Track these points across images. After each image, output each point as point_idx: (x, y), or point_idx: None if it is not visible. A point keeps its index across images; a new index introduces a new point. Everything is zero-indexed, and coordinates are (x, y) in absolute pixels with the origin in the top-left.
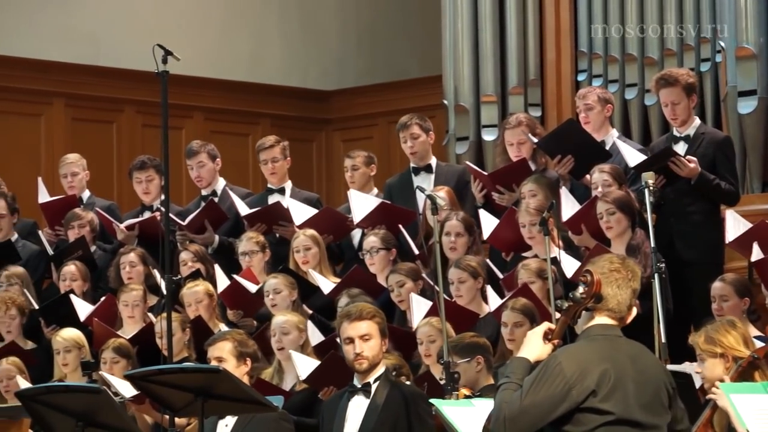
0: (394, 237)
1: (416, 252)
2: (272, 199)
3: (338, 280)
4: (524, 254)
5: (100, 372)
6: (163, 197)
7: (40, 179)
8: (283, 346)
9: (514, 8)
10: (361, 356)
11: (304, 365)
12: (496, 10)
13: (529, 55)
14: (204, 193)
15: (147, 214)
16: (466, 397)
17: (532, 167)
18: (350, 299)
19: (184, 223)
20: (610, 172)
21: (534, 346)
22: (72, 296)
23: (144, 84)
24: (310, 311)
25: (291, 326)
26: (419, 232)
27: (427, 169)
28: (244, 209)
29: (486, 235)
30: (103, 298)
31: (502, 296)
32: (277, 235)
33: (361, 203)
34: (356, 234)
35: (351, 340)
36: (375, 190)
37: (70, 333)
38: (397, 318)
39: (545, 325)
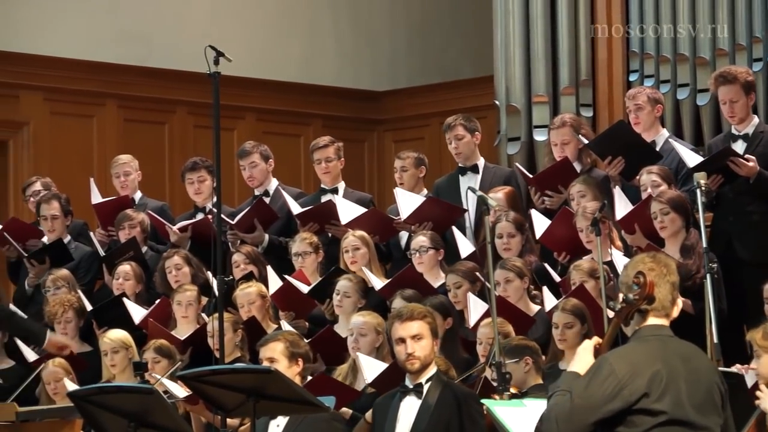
0: (441, 236)
1: (465, 252)
2: (325, 199)
3: (387, 279)
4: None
5: (153, 374)
6: (215, 198)
7: (92, 180)
8: (360, 347)
9: (565, 8)
10: (413, 356)
11: (371, 368)
12: (547, 9)
13: (581, 56)
14: (257, 193)
15: (200, 216)
16: (513, 395)
17: (578, 167)
18: (404, 300)
19: (233, 222)
20: (658, 173)
21: (585, 360)
22: (125, 299)
23: (196, 85)
24: None
25: (369, 328)
26: (479, 234)
27: (474, 169)
28: (296, 208)
29: (539, 235)
30: (158, 301)
31: (558, 297)
32: (330, 234)
33: (408, 201)
34: (403, 234)
35: (402, 341)
36: (425, 191)
37: (117, 334)
38: (455, 318)
39: (595, 340)
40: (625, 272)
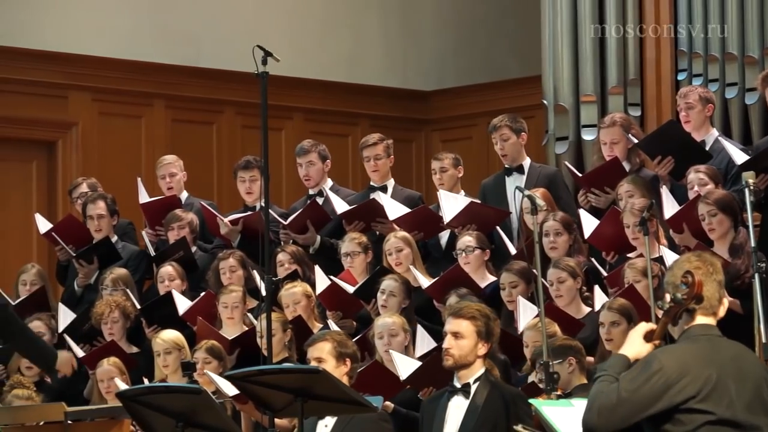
0: (486, 237)
1: (514, 251)
2: (373, 197)
3: (432, 278)
4: (629, 255)
5: (204, 371)
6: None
7: (139, 179)
8: (393, 348)
9: (613, 7)
10: (448, 353)
11: (405, 365)
12: (595, 9)
13: (629, 55)
14: (311, 192)
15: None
16: (558, 396)
17: (627, 167)
18: (459, 299)
19: (285, 223)
20: (706, 172)
21: (634, 344)
22: (173, 291)
23: (244, 85)
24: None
25: (398, 328)
26: (521, 234)
27: (519, 169)
28: (341, 207)
29: (587, 235)
30: (202, 294)
31: (604, 292)
32: (377, 232)
33: (451, 203)
34: (443, 234)
35: (446, 335)
36: (462, 192)
37: (170, 335)
38: (504, 317)
39: (647, 326)
40: (671, 272)
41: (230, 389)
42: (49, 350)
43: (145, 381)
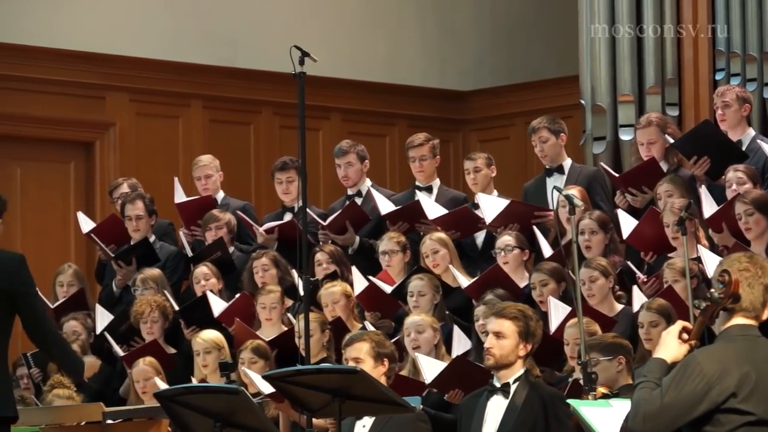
0: (527, 238)
1: (550, 252)
2: (418, 197)
3: (470, 277)
4: (669, 255)
5: (241, 368)
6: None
7: (176, 179)
8: (419, 345)
9: (651, 7)
10: (489, 352)
11: (430, 368)
12: (633, 9)
13: (667, 54)
14: (350, 192)
15: (288, 215)
16: (604, 395)
17: (664, 167)
18: (497, 298)
19: (324, 224)
20: (745, 171)
21: (670, 346)
22: (209, 293)
23: (281, 85)
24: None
25: (426, 325)
26: (552, 232)
27: (560, 170)
28: (386, 207)
29: (625, 235)
30: (237, 296)
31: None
32: (422, 233)
33: (491, 204)
34: (479, 234)
35: (487, 334)
36: (495, 192)
37: (210, 334)
38: (539, 317)
39: (680, 324)
40: (716, 270)
41: (267, 388)
42: (79, 359)
43: (194, 380)
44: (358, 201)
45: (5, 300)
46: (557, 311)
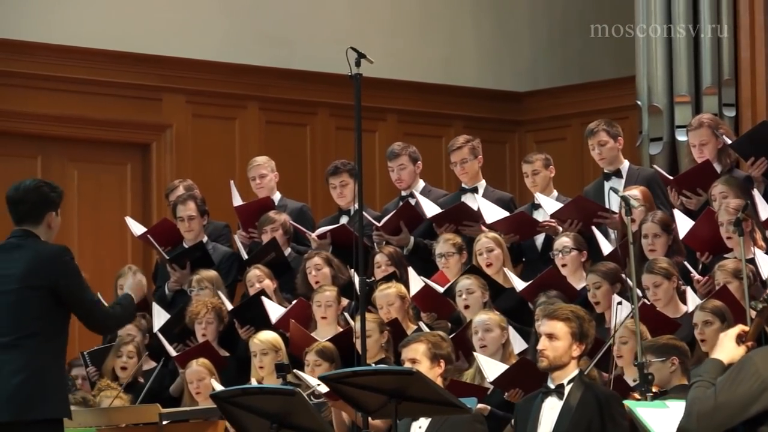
0: (586, 237)
1: (608, 250)
2: (465, 199)
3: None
4: (725, 255)
5: (295, 371)
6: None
7: (232, 182)
8: (486, 344)
9: (707, 7)
10: (542, 354)
11: (491, 368)
12: (689, 9)
13: (723, 55)
14: (403, 194)
15: (344, 218)
16: (654, 395)
17: (717, 168)
18: (547, 299)
19: (379, 225)
20: None
21: (727, 347)
22: (264, 298)
23: (337, 87)
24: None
25: (494, 324)
26: (614, 233)
27: (618, 173)
28: (431, 210)
29: (682, 235)
30: (294, 302)
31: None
32: (466, 235)
33: (552, 202)
34: (538, 237)
35: (541, 336)
36: (555, 193)
37: (267, 336)
38: (594, 318)
39: (738, 327)
40: None
41: (323, 388)
42: (127, 305)
43: (253, 381)
44: (412, 202)
45: (50, 297)
46: (620, 311)
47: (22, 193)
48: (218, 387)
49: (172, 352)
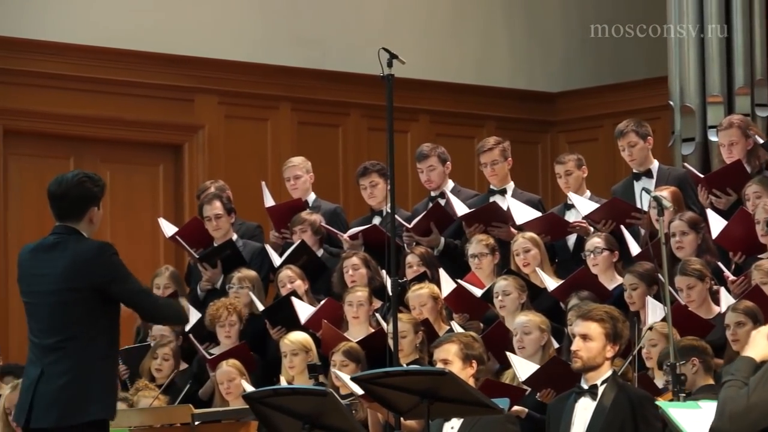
0: (616, 237)
1: (637, 251)
2: (493, 200)
3: (560, 280)
4: (759, 256)
5: (333, 370)
6: (389, 201)
7: (263, 184)
8: (524, 346)
9: (740, 7)
10: (576, 355)
11: (523, 368)
12: (722, 9)
13: (756, 55)
14: (433, 195)
15: (376, 219)
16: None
17: (747, 169)
18: (579, 301)
19: (409, 226)
20: None
21: (759, 344)
22: (293, 299)
23: (370, 87)
24: None
25: (533, 326)
26: (643, 233)
27: (648, 173)
28: (461, 210)
29: (714, 235)
30: (323, 301)
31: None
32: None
33: (585, 203)
34: (570, 237)
35: (574, 336)
36: (588, 193)
37: (297, 336)
38: (630, 318)
39: None
40: None
41: (357, 389)
42: (177, 305)
43: (282, 381)
44: (442, 203)
45: (95, 297)
46: (655, 311)
47: (64, 188)
48: (249, 388)
49: (206, 355)
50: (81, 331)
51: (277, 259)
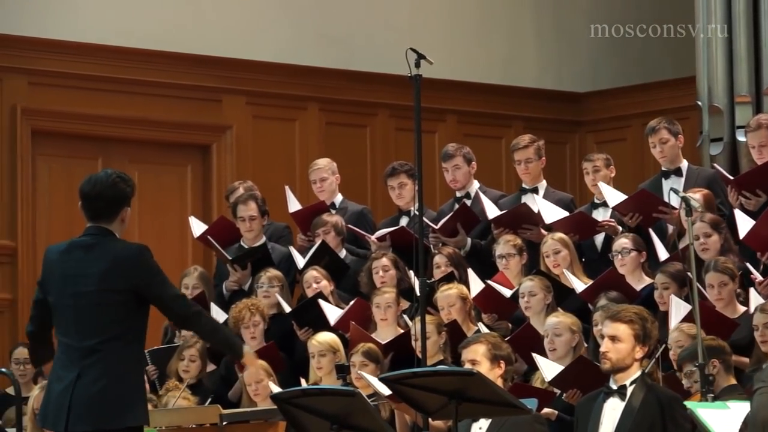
0: (643, 237)
1: (665, 254)
2: (525, 199)
3: (589, 281)
4: None
5: (358, 371)
6: (417, 201)
7: (287, 188)
8: (555, 348)
9: None
10: (605, 356)
11: (549, 368)
12: (750, 8)
13: None
14: (458, 195)
15: (404, 219)
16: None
17: None
18: (608, 301)
19: (436, 227)
20: None
21: None
22: (321, 301)
23: (397, 88)
24: None
25: (564, 328)
26: (671, 231)
27: (677, 172)
28: (492, 212)
29: (742, 235)
30: (352, 302)
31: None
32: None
33: (614, 193)
34: (598, 236)
35: (602, 338)
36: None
37: (325, 337)
38: (659, 318)
39: None
40: None
41: (385, 390)
42: (234, 337)
43: (303, 383)
44: (468, 203)
45: (132, 299)
46: (678, 310)
47: (99, 188)
48: (275, 389)
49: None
50: (119, 333)
51: (300, 262)
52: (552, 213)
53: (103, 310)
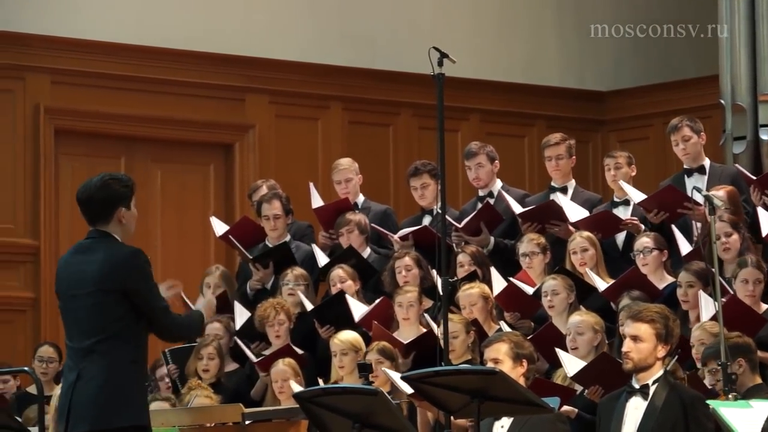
0: (666, 236)
1: (687, 250)
2: (553, 198)
3: (612, 280)
4: None
5: (383, 369)
6: (440, 201)
7: (311, 185)
8: (577, 346)
9: None
10: (627, 356)
11: (572, 364)
12: None
13: None
14: (481, 194)
15: (427, 218)
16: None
17: None
18: (631, 301)
19: (460, 226)
20: None
21: None
22: (347, 296)
23: (420, 87)
24: None
25: (586, 327)
26: (698, 228)
27: (700, 170)
28: (518, 208)
29: (765, 232)
30: (378, 300)
31: None
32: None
33: (636, 191)
34: (619, 235)
35: (625, 337)
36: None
37: (347, 335)
38: (679, 317)
39: None
40: None
41: (407, 388)
42: (195, 319)
43: (320, 382)
44: (491, 202)
45: (126, 300)
46: (708, 307)
47: (88, 192)
48: (296, 388)
49: (253, 358)
50: (114, 333)
51: (322, 259)
52: (576, 212)
53: (99, 310)
